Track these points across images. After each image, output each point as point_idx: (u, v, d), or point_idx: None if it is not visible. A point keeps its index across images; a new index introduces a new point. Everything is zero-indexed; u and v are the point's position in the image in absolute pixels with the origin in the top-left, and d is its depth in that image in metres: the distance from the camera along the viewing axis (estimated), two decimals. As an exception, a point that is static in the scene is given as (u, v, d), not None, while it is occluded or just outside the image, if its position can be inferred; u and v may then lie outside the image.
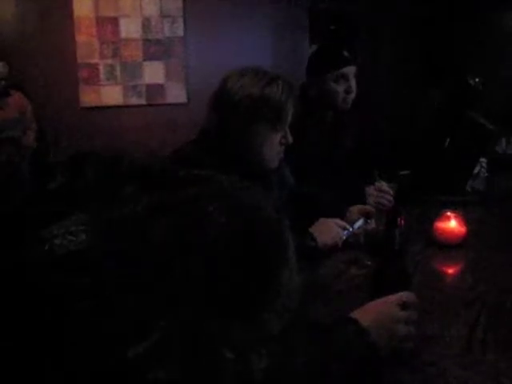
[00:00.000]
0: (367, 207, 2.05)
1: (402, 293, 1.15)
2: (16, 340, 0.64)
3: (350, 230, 1.90)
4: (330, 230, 1.85)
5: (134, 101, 5.29)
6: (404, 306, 1.13)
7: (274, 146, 1.67)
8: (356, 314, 1.09)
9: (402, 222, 1.55)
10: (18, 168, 4.56)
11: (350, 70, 2.32)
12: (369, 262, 1.66)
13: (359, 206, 2.04)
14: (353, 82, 2.34)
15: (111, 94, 5.24)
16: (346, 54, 2.32)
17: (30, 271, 0.65)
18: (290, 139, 1.69)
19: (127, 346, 0.62)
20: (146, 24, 5.23)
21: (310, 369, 0.91)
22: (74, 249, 0.65)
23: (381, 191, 2.24)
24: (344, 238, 1.88)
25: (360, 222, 1.95)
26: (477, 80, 2.90)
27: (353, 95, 2.35)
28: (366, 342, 1.03)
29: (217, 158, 1.53)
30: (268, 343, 0.75)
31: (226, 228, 0.66)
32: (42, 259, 0.65)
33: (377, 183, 2.25)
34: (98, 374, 0.62)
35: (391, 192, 2.25)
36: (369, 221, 1.96)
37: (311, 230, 1.83)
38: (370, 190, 2.25)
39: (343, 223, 1.89)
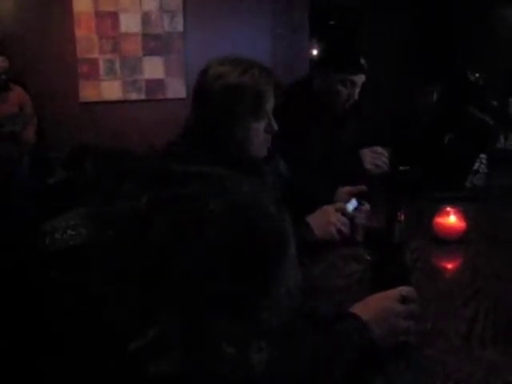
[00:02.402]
0: (357, 187, 2.04)
1: (401, 287, 1.15)
2: (16, 338, 0.64)
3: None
4: (326, 219, 1.83)
5: (134, 96, 5.28)
6: (404, 300, 1.13)
7: (258, 135, 1.64)
8: (356, 309, 1.10)
9: (402, 217, 1.56)
10: (18, 163, 4.56)
11: (361, 79, 2.33)
12: (368, 257, 1.66)
13: (347, 187, 2.03)
14: (357, 90, 2.35)
15: (111, 89, 5.23)
16: (362, 61, 2.33)
17: (30, 268, 0.65)
18: (275, 126, 1.66)
19: (128, 341, 0.62)
20: (145, 19, 5.22)
21: (311, 363, 0.92)
22: (74, 243, 0.65)
23: (376, 153, 2.28)
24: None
25: (354, 204, 1.91)
26: (476, 75, 2.90)
27: (352, 101, 2.36)
28: (366, 337, 1.04)
29: (203, 153, 1.51)
30: (268, 337, 0.75)
31: (227, 226, 0.66)
32: (43, 254, 0.65)
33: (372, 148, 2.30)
34: (100, 368, 0.63)
35: (386, 154, 2.28)
36: (363, 202, 1.92)
37: (308, 219, 1.81)
38: (365, 151, 2.28)
39: (343, 218, 1.88)
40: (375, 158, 2.29)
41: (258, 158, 1.68)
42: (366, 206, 1.92)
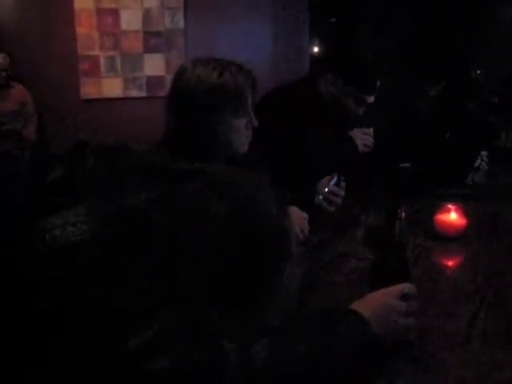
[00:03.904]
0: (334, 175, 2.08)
1: (402, 284, 1.15)
2: (17, 335, 0.64)
3: (326, 190, 1.99)
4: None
5: (135, 93, 5.27)
6: (404, 297, 1.13)
7: (240, 133, 1.65)
8: (356, 306, 1.09)
9: (402, 214, 1.56)
10: (19, 160, 4.56)
11: (371, 100, 2.36)
12: (369, 255, 1.66)
13: (326, 178, 2.06)
14: (363, 109, 2.38)
15: (112, 86, 5.23)
16: (378, 83, 2.35)
17: (30, 265, 0.65)
18: (256, 122, 1.68)
19: (128, 337, 0.62)
20: (146, 16, 5.21)
21: (311, 360, 0.92)
22: (75, 240, 0.64)
23: (365, 133, 2.41)
24: (322, 197, 1.98)
25: (334, 180, 2.03)
26: (478, 72, 2.89)
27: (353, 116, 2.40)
28: (367, 333, 1.04)
29: (186, 155, 1.50)
30: (269, 333, 0.75)
31: (228, 226, 0.66)
32: (43, 251, 0.65)
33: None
34: (100, 365, 0.63)
35: (372, 134, 2.43)
36: (342, 178, 2.04)
37: None
38: (355, 131, 2.40)
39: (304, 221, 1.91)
40: (365, 138, 2.40)
41: (239, 154, 1.69)
42: (343, 183, 2.04)
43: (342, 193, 2.03)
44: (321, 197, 1.98)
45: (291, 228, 0.75)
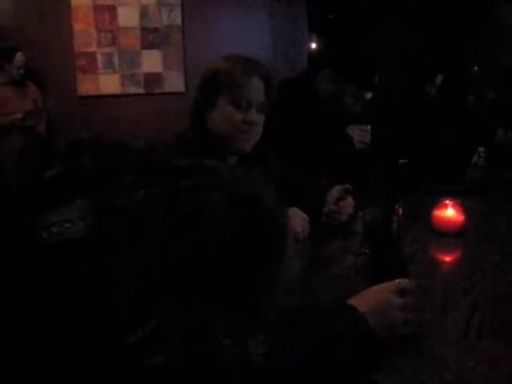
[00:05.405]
0: (345, 186, 2.07)
1: (399, 280, 1.16)
2: (13, 334, 0.64)
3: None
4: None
5: (132, 89, 5.26)
6: (402, 292, 1.13)
7: (233, 123, 1.69)
8: (354, 301, 1.10)
9: (400, 210, 1.56)
10: (30, 156, 4.61)
11: (368, 96, 2.37)
12: (367, 250, 1.67)
13: (338, 187, 2.06)
14: (361, 105, 2.39)
15: (109, 83, 5.22)
16: (376, 79, 2.35)
17: (25, 263, 0.65)
18: (257, 119, 1.71)
19: (124, 334, 0.62)
20: (143, 12, 5.20)
21: (308, 355, 0.92)
22: (72, 236, 0.65)
23: (363, 131, 2.43)
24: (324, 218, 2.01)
25: None
26: (475, 69, 2.90)
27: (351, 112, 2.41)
28: (364, 329, 1.04)
29: (200, 140, 1.66)
30: (266, 329, 0.75)
31: (226, 217, 0.66)
32: (39, 248, 0.65)
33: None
34: (96, 361, 0.63)
35: (369, 131, 2.45)
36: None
37: None
38: (352, 128, 2.41)
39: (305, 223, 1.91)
40: (362, 135, 2.42)
41: (235, 149, 1.71)
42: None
43: (349, 210, 2.02)
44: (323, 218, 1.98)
45: (289, 224, 0.75)
